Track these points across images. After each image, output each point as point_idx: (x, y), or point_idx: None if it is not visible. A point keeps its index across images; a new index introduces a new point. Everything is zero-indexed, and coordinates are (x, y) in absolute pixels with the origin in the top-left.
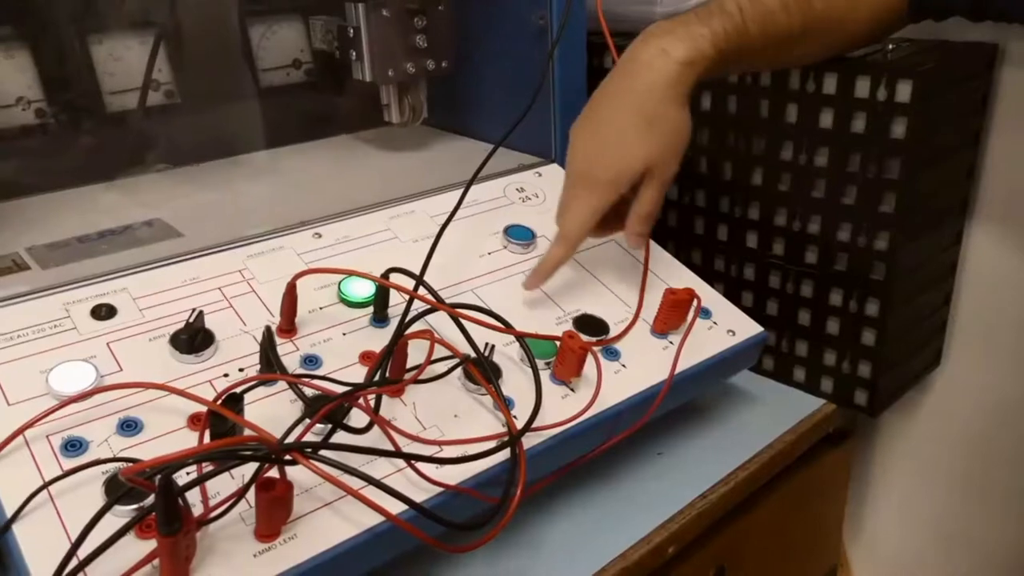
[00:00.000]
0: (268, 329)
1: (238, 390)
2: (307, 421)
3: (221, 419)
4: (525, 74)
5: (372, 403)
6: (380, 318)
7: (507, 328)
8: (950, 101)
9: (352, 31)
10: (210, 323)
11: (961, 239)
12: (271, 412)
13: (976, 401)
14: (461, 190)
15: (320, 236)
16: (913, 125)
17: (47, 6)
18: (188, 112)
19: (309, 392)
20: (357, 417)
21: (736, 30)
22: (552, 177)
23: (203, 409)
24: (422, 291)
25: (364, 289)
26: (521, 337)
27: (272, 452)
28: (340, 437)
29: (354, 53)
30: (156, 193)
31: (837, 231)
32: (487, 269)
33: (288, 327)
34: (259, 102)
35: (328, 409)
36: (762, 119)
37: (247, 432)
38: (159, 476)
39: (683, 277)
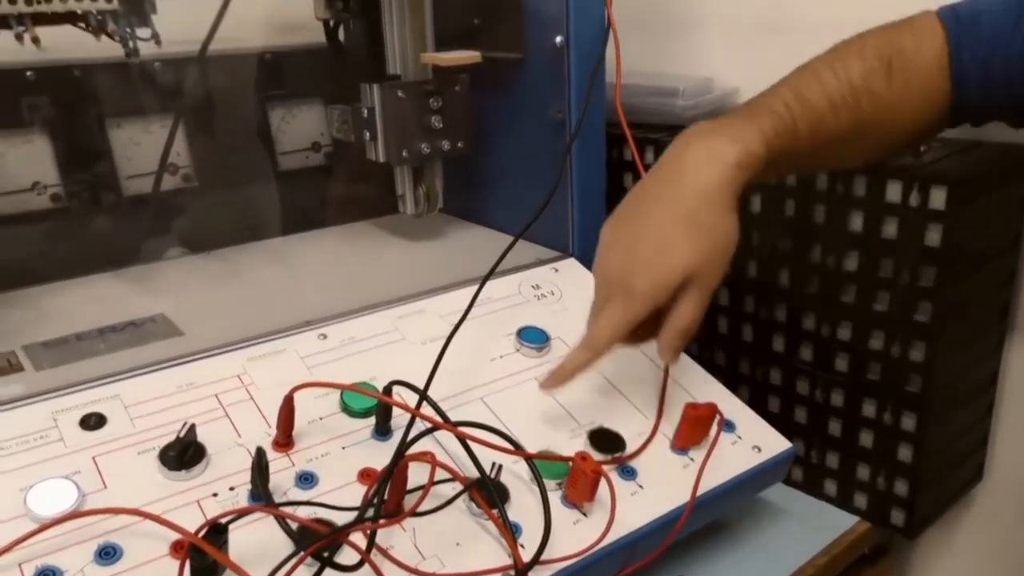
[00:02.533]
0: (259, 453)
1: (223, 521)
2: (293, 560)
3: (202, 553)
4: (542, 165)
5: (368, 535)
6: (382, 431)
7: (516, 450)
8: (987, 206)
9: (367, 111)
10: (203, 434)
11: (1002, 347)
12: (261, 538)
13: (1022, 518)
14: (473, 287)
15: (325, 337)
16: (949, 233)
17: (68, 91)
18: (205, 196)
19: (304, 516)
20: (351, 549)
21: (786, 130)
22: (569, 273)
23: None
24: (426, 407)
25: (366, 398)
26: (530, 459)
27: None
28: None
29: (368, 134)
30: (164, 283)
31: (869, 338)
32: (498, 375)
33: (285, 441)
34: (276, 186)
35: (316, 548)
36: (788, 219)
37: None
38: None
39: (705, 386)
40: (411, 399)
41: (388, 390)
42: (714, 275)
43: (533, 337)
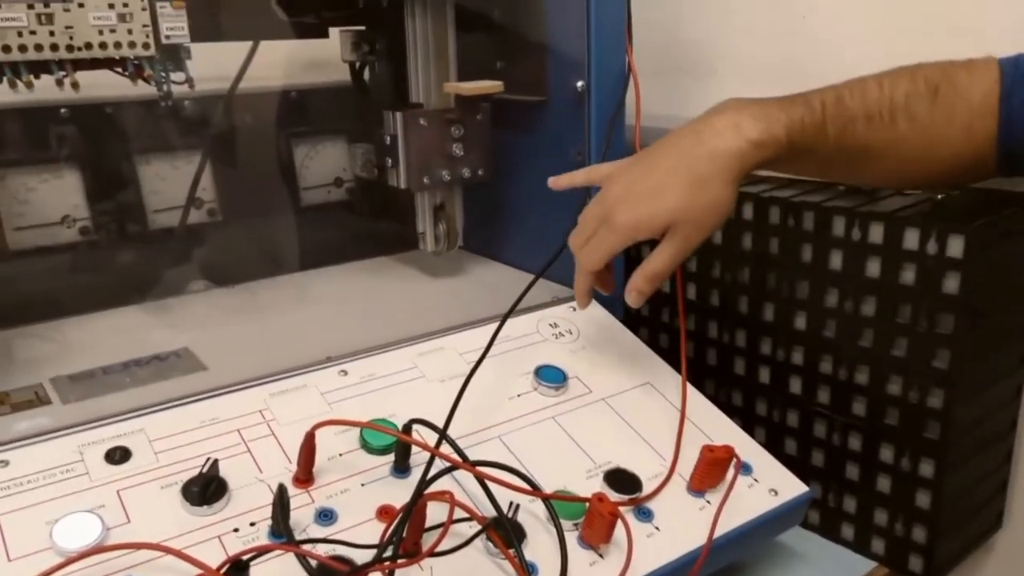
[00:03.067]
0: (281, 490)
1: (244, 558)
2: None
3: None
4: (561, 205)
5: (386, 574)
6: (401, 468)
7: (533, 490)
8: (1004, 254)
9: (389, 139)
10: (225, 469)
11: (1021, 393)
12: (281, 575)
13: None
14: (490, 325)
15: (346, 373)
16: (967, 281)
17: (99, 128)
18: (229, 230)
19: (323, 554)
20: None
21: (814, 125)
22: (587, 312)
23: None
24: (445, 446)
25: (385, 436)
26: (547, 499)
27: None
28: None
29: (390, 160)
30: (188, 317)
31: (887, 383)
32: (516, 413)
33: (305, 477)
34: (299, 220)
35: None
36: (805, 263)
37: None
38: None
39: (722, 427)
40: (429, 436)
41: (408, 428)
42: (696, 232)
43: (551, 376)
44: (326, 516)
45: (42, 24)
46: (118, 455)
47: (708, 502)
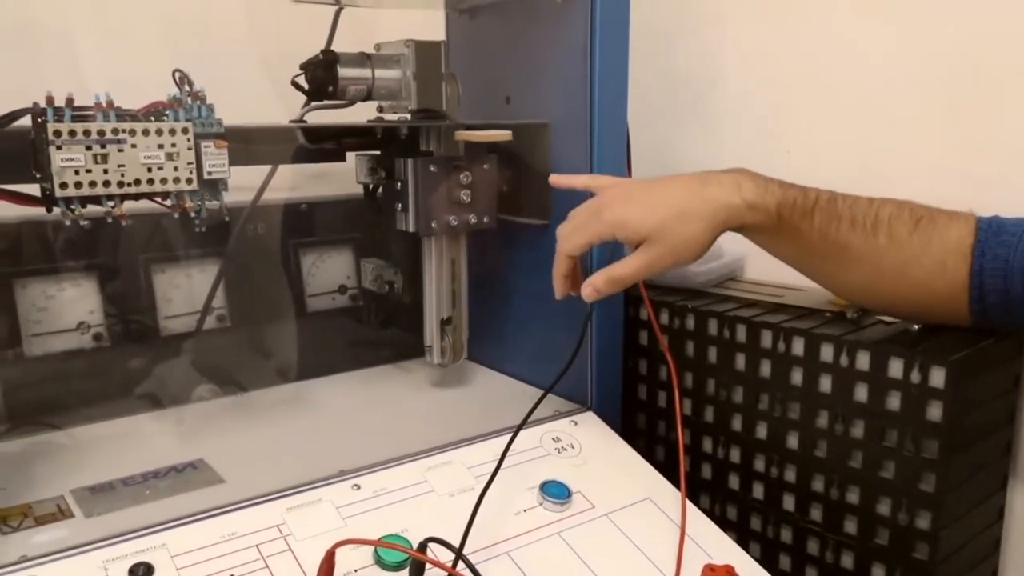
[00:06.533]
0: None
1: None
2: None
3: None
4: (562, 321)
5: None
6: None
7: None
8: (985, 384)
9: (400, 184)
10: None
11: (1003, 515)
12: None
13: None
14: (497, 439)
15: (359, 488)
16: (949, 410)
17: (119, 240)
18: (238, 336)
19: None
20: None
21: (804, 209)
22: (588, 427)
23: None
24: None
25: (400, 553)
26: None
27: None
28: None
29: (400, 205)
30: (201, 426)
31: (877, 504)
32: (523, 529)
33: None
34: (305, 327)
35: None
36: (795, 386)
37: None
38: None
39: (721, 545)
40: (441, 552)
41: (423, 546)
42: (668, 255)
43: (556, 492)
44: None
45: (97, 163)
46: (141, 571)
47: None
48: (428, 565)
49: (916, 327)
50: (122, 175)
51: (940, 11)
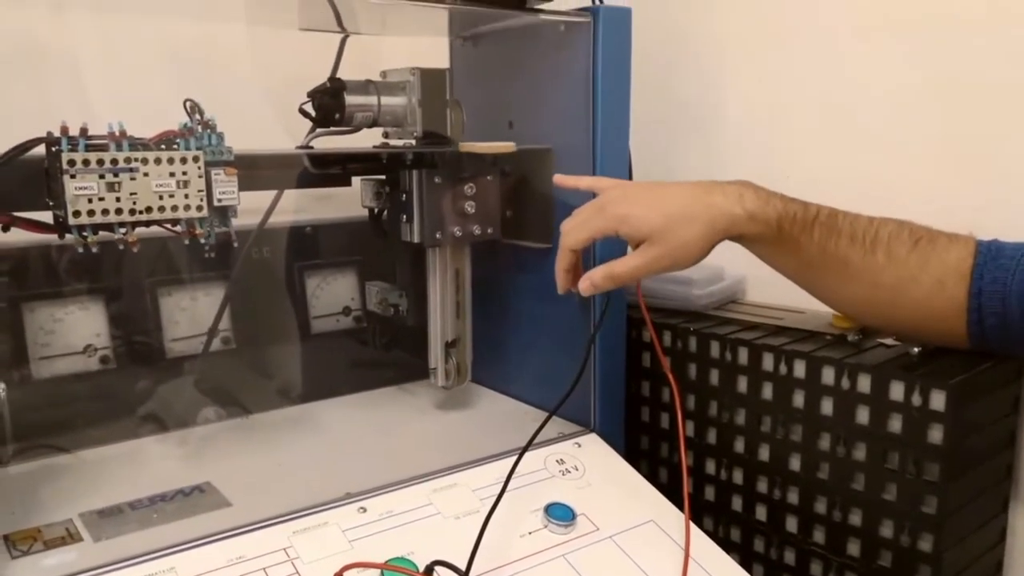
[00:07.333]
0: None
1: None
2: None
3: None
4: (565, 343)
5: None
6: None
7: None
8: (986, 407)
9: (404, 195)
10: None
11: (1005, 537)
12: None
13: None
14: (502, 461)
15: (365, 511)
16: (950, 433)
17: (126, 263)
18: (243, 358)
19: None
20: None
21: (804, 222)
22: (591, 449)
23: None
24: None
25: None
26: None
27: None
28: None
29: (404, 216)
30: (207, 448)
31: (880, 526)
32: (527, 551)
33: None
34: (309, 349)
35: None
36: (797, 408)
37: None
38: None
39: (725, 568)
40: (447, 575)
41: (430, 569)
42: (666, 257)
43: (560, 515)
44: None
45: (110, 192)
46: None
47: None
48: None
49: (916, 350)
50: (134, 203)
51: (940, 37)
